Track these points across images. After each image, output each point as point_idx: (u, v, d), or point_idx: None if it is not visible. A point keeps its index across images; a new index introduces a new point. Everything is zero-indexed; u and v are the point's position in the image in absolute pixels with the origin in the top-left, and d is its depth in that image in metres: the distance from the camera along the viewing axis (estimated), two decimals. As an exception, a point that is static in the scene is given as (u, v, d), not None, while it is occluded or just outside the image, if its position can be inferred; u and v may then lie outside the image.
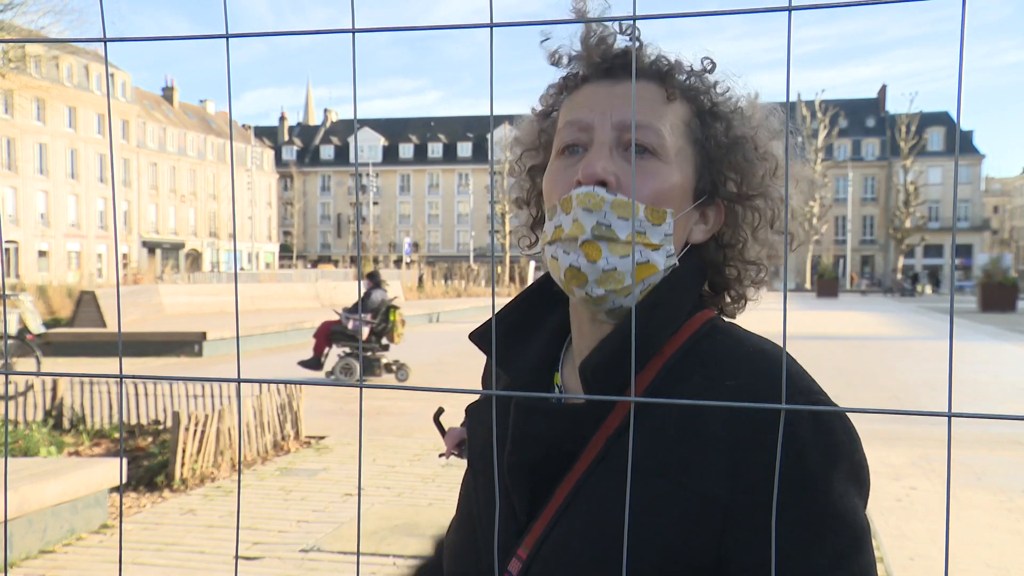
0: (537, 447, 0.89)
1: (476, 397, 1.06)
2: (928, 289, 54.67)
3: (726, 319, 0.98)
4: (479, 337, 1.00)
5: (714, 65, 0.95)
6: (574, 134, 0.91)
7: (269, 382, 0.70)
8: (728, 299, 1.00)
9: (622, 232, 0.85)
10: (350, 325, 10.65)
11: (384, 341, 11.00)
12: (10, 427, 6.55)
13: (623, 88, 0.90)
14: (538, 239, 1.01)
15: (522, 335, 0.99)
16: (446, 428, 3.01)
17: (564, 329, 0.99)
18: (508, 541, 0.90)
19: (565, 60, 0.96)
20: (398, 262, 60.83)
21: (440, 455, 3.11)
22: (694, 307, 0.93)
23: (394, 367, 11.04)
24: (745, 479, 0.80)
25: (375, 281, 11.21)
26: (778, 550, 0.78)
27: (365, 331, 10.66)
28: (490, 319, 0.94)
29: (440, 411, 2.99)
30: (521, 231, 1.04)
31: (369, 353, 10.91)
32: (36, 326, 11.34)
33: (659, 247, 0.88)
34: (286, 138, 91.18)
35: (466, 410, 1.03)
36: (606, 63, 0.92)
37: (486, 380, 1.09)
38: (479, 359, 1.08)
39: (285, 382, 0.70)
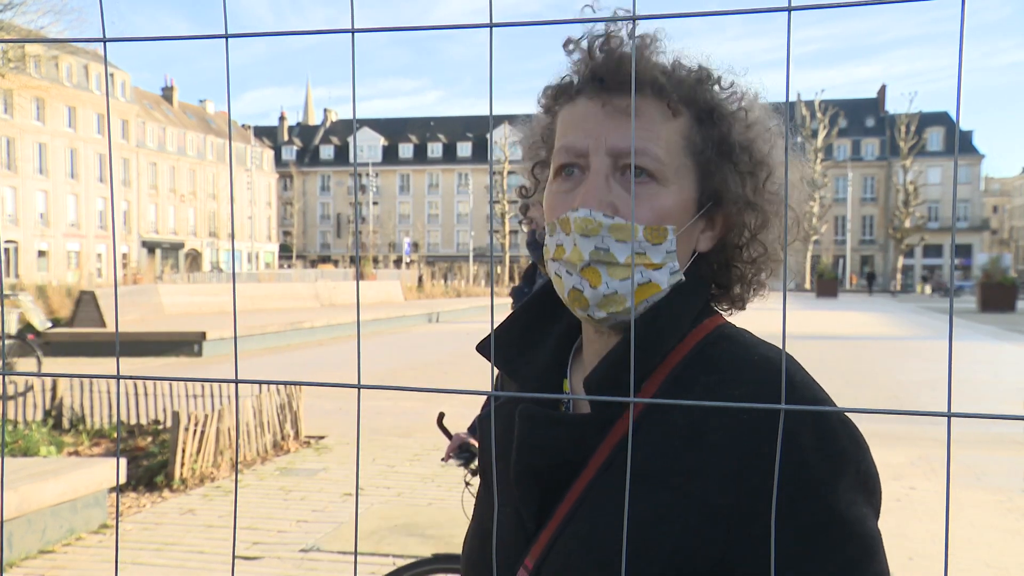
0: (542, 456, 0.89)
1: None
2: (928, 289, 54.72)
3: (736, 325, 0.96)
4: (486, 347, 0.99)
5: (711, 73, 0.92)
6: (570, 158, 0.89)
7: (267, 383, 0.70)
8: (732, 297, 0.99)
9: (621, 255, 0.86)
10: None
11: None
12: (10, 427, 6.54)
13: (618, 107, 0.87)
14: (532, 220, 1.01)
15: (529, 342, 0.99)
16: (452, 433, 3.02)
17: (571, 335, 0.99)
18: (517, 551, 0.90)
19: (573, 54, 0.92)
20: (398, 262, 60.86)
21: (441, 459, 3.12)
22: (702, 313, 0.93)
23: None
24: (748, 487, 0.79)
25: None
26: (783, 559, 0.77)
27: None
28: (496, 327, 0.96)
29: (442, 415, 3.00)
30: (521, 216, 1.04)
31: None
32: (41, 322, 11.35)
33: (661, 266, 0.88)
34: (286, 138, 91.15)
35: (478, 420, 1.04)
36: (602, 77, 0.88)
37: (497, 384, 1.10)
38: (478, 359, 1.09)
39: (283, 383, 0.70)
